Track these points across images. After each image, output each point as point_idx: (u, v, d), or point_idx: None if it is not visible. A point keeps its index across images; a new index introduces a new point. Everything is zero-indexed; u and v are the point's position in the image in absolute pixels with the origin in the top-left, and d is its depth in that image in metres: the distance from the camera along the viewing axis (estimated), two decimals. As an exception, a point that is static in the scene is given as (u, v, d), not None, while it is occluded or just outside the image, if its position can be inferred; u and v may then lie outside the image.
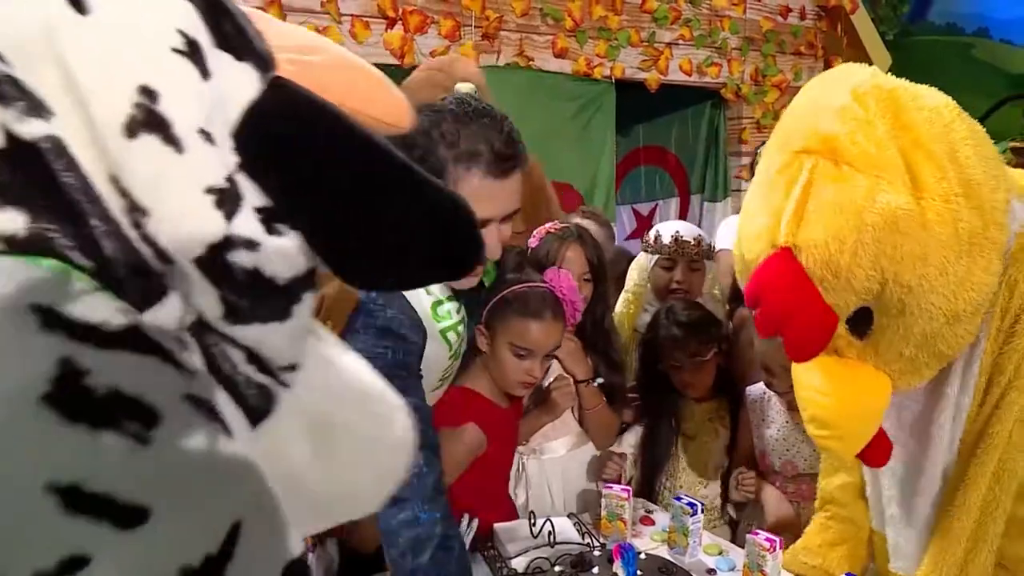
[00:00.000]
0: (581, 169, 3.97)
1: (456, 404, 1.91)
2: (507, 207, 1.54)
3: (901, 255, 1.12)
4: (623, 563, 1.48)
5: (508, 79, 3.67)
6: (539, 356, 1.87)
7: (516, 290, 1.87)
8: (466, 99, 1.53)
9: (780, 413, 2.29)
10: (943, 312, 1.17)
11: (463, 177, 1.48)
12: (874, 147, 1.14)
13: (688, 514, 1.85)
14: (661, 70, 4.11)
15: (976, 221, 1.15)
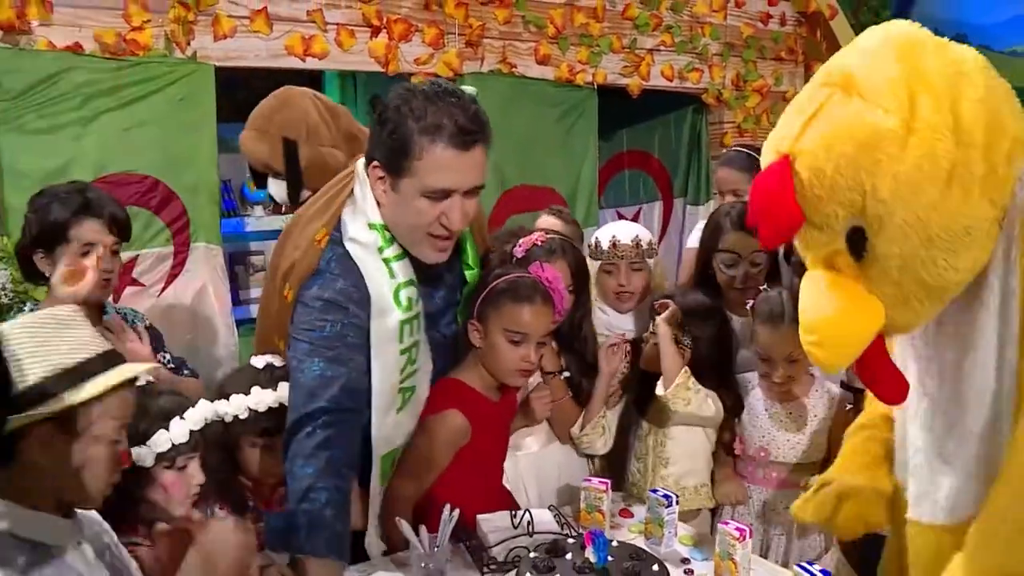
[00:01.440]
0: (564, 174, 4.07)
1: (446, 394, 2.03)
2: (469, 180, 1.71)
3: (879, 169, 1.26)
4: (594, 549, 1.58)
5: (491, 86, 3.77)
6: (533, 341, 1.98)
7: (505, 280, 1.99)
8: (437, 82, 1.73)
9: (759, 402, 2.43)
10: (916, 233, 1.28)
11: (427, 148, 1.66)
12: (885, 83, 1.28)
13: (663, 505, 1.96)
14: (643, 76, 4.22)
15: (961, 156, 1.27)
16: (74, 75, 2.83)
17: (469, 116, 1.68)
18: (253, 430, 1.87)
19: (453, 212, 1.74)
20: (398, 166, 1.74)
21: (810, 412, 2.39)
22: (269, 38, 3.23)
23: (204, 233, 3.17)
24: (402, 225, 1.83)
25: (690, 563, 1.92)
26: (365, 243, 1.83)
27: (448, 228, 1.78)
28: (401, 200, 1.78)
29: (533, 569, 1.59)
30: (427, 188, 1.73)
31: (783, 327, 2.29)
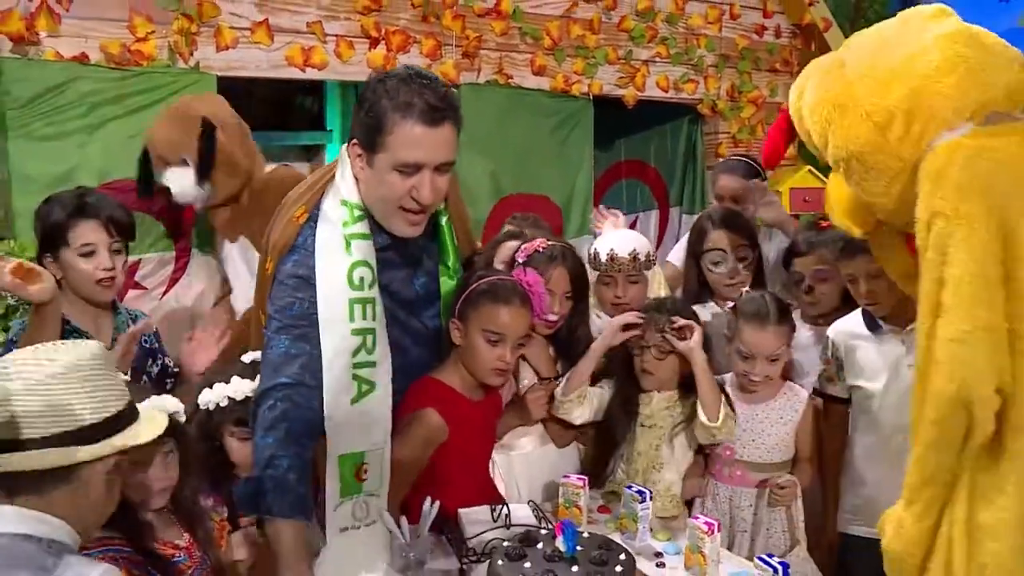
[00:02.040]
0: (559, 182, 4.16)
1: (423, 394, 2.12)
2: (438, 155, 1.84)
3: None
4: (564, 538, 1.67)
5: (488, 96, 3.88)
6: (510, 342, 2.07)
7: (485, 282, 2.09)
8: (411, 67, 1.89)
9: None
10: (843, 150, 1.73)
11: (398, 123, 1.81)
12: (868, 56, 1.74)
13: (638, 501, 2.05)
14: (638, 86, 4.32)
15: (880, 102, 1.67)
16: (80, 84, 2.95)
17: (439, 96, 1.81)
18: (231, 419, 1.97)
19: (423, 186, 1.84)
20: (373, 142, 1.84)
21: (777, 414, 2.47)
22: (270, 49, 3.34)
23: (204, 239, 3.27)
24: (377, 199, 1.92)
25: (662, 556, 2.00)
26: (331, 218, 1.92)
27: (419, 202, 1.87)
28: (376, 175, 1.87)
29: (505, 557, 1.68)
30: (399, 162, 1.83)
31: (769, 327, 2.39)
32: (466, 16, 3.79)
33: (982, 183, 1.56)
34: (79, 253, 2.23)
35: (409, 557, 1.87)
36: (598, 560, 1.66)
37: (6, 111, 2.87)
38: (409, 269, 2.09)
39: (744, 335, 2.43)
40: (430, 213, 1.97)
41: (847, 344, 2.50)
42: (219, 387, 1.98)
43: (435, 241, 2.13)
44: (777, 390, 2.51)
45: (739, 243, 2.72)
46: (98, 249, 2.25)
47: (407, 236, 1.96)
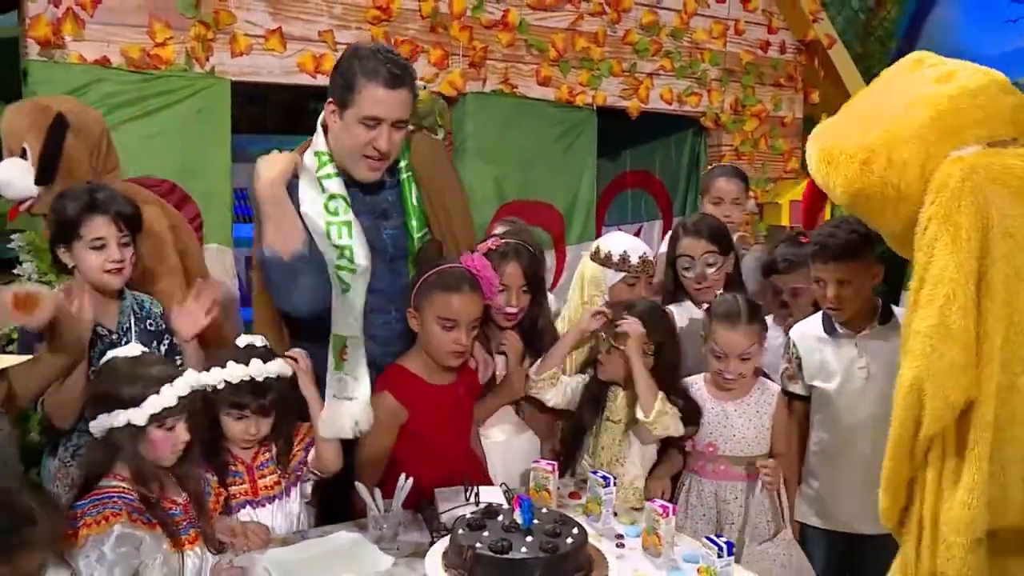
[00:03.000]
0: (562, 190, 4.31)
1: (383, 379, 2.31)
2: (395, 112, 2.25)
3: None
4: (521, 511, 1.80)
5: (493, 104, 4.05)
6: (463, 326, 2.24)
7: (437, 271, 2.28)
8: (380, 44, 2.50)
9: (705, 401, 2.64)
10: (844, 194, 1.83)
11: (365, 85, 2.22)
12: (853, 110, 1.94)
13: (601, 486, 2.18)
14: (642, 98, 4.46)
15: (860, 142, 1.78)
16: (102, 86, 3.15)
17: (399, 66, 2.25)
18: (227, 401, 2.13)
19: (381, 137, 2.25)
20: (344, 99, 2.26)
21: (753, 409, 2.60)
22: (283, 56, 3.52)
23: (216, 235, 3.46)
24: (344, 147, 2.31)
25: (623, 538, 2.13)
26: (308, 166, 2.31)
27: (378, 150, 2.27)
28: (344, 127, 2.28)
29: (466, 527, 1.81)
30: (363, 116, 2.23)
31: (740, 326, 2.52)
32: (473, 27, 3.96)
33: (975, 195, 1.67)
34: (90, 247, 2.38)
35: (382, 529, 2.01)
36: (552, 532, 1.79)
37: (32, 110, 3.07)
38: (377, 219, 2.41)
39: (717, 335, 2.56)
40: (387, 162, 2.34)
41: (806, 345, 2.62)
42: (216, 371, 2.14)
43: (399, 196, 2.46)
44: (751, 386, 2.63)
45: (707, 249, 2.86)
46: (108, 242, 2.39)
47: (368, 180, 2.35)
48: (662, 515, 2.02)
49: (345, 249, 2.24)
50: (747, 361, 2.55)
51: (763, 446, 2.59)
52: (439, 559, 1.81)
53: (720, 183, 3.57)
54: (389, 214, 2.44)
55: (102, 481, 1.88)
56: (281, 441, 2.23)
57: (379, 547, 1.99)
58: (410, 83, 2.29)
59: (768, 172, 4.87)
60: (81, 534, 1.76)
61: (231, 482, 2.16)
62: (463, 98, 3.98)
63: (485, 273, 2.34)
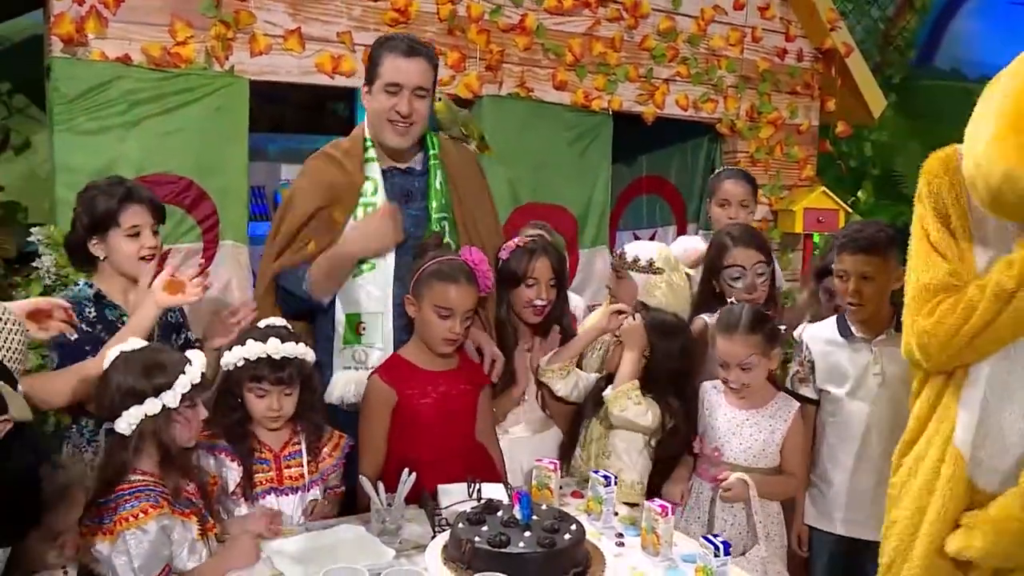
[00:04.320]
0: (577, 194, 4.33)
1: (379, 365, 2.41)
2: (414, 79, 2.55)
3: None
4: (520, 506, 1.83)
5: (509, 107, 4.08)
6: (458, 315, 2.34)
7: (435, 262, 2.38)
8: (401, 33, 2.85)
9: (721, 406, 2.65)
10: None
11: (385, 56, 2.56)
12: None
13: (603, 485, 2.20)
14: (658, 104, 4.48)
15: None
16: (122, 83, 3.21)
17: (415, 40, 2.62)
18: (248, 375, 2.22)
19: (403, 101, 2.54)
20: (371, 75, 2.59)
21: (766, 421, 2.60)
22: (301, 56, 3.57)
23: (232, 232, 3.51)
24: (373, 115, 2.62)
25: (623, 537, 2.15)
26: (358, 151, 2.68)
27: (400, 113, 2.55)
28: (373, 99, 2.60)
29: (467, 521, 1.85)
30: (385, 82, 2.55)
31: (736, 336, 2.53)
32: (491, 31, 3.99)
33: None
34: (127, 234, 2.48)
35: (385, 522, 2.05)
36: (550, 528, 1.82)
37: (54, 106, 3.14)
38: (401, 200, 2.63)
39: (718, 343, 2.59)
40: (414, 132, 2.61)
41: (819, 348, 2.63)
42: (237, 349, 2.23)
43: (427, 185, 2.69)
44: (769, 398, 2.63)
45: (758, 260, 2.89)
46: (143, 230, 2.50)
47: (397, 146, 2.62)
48: (661, 515, 2.04)
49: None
50: (748, 371, 2.55)
51: (768, 460, 2.59)
52: (439, 552, 1.84)
53: (727, 185, 3.58)
54: (413, 196, 2.67)
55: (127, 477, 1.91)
56: (309, 434, 2.29)
57: (381, 540, 2.03)
58: (427, 55, 2.58)
59: (783, 179, 4.87)
60: (116, 529, 1.81)
61: (257, 469, 2.22)
62: (479, 101, 4.02)
63: (482, 267, 2.45)
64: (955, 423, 1.87)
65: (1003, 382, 1.83)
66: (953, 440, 1.88)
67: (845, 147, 5.24)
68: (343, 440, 2.36)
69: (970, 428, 1.85)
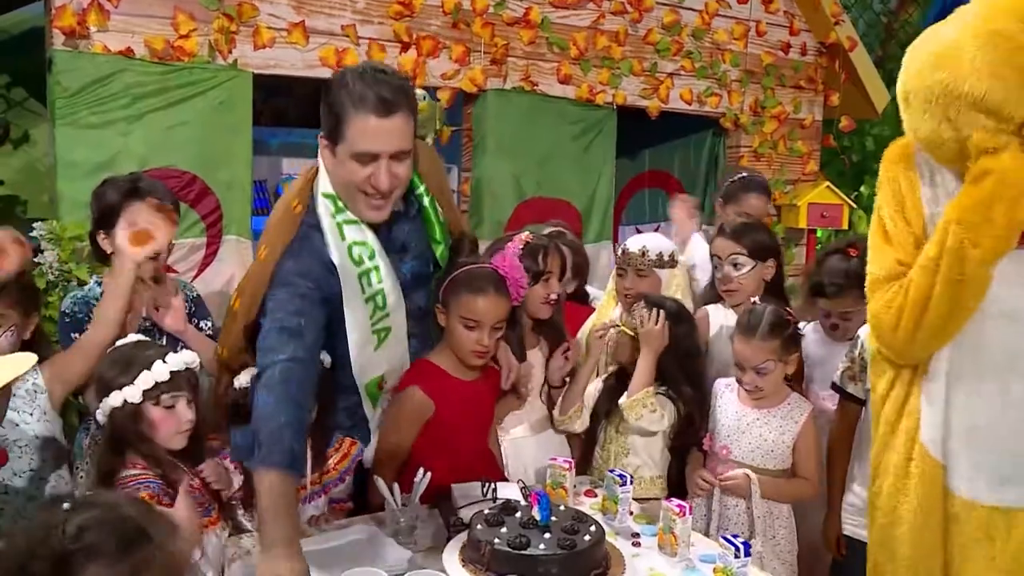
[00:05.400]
0: (580, 188, 4.31)
1: (411, 372, 2.31)
2: (391, 144, 1.98)
3: None
4: (539, 508, 1.81)
5: (513, 101, 4.05)
6: (486, 327, 2.23)
7: (464, 271, 2.26)
8: (371, 63, 2.13)
9: (732, 403, 2.61)
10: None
11: (352, 116, 1.94)
12: None
13: (618, 484, 2.17)
14: (662, 98, 4.46)
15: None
16: (125, 76, 3.17)
17: (392, 88, 1.95)
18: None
19: (379, 174, 2.00)
20: (335, 134, 1.99)
21: (777, 422, 2.56)
22: (305, 49, 3.53)
23: (236, 227, 3.48)
24: (341, 186, 2.08)
25: (639, 537, 2.13)
26: (322, 211, 2.12)
27: (377, 188, 2.02)
28: (339, 163, 2.03)
29: (484, 522, 1.82)
30: (355, 151, 1.97)
31: (754, 340, 2.49)
32: (495, 24, 3.96)
33: None
34: None
35: (400, 523, 2.02)
36: (570, 529, 1.79)
37: (56, 100, 3.10)
38: (395, 255, 2.23)
39: (735, 345, 2.54)
40: (394, 199, 2.11)
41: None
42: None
43: (421, 222, 2.28)
44: (782, 399, 2.59)
45: (734, 251, 2.87)
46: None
47: (373, 221, 2.12)
48: (678, 514, 2.01)
49: (377, 296, 2.16)
50: (764, 375, 2.51)
51: (779, 461, 2.55)
52: (457, 554, 1.81)
53: (752, 200, 3.59)
54: (407, 247, 2.26)
55: (122, 472, 1.90)
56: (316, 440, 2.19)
57: (396, 541, 2.00)
58: (407, 105, 1.99)
59: (787, 174, 4.85)
60: None
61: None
62: (484, 95, 3.99)
63: (513, 274, 2.31)
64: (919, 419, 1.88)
65: (959, 373, 1.84)
66: (919, 437, 1.88)
67: (847, 142, 5.22)
68: (355, 447, 2.28)
69: (935, 424, 1.85)
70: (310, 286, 2.07)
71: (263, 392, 1.88)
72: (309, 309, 2.04)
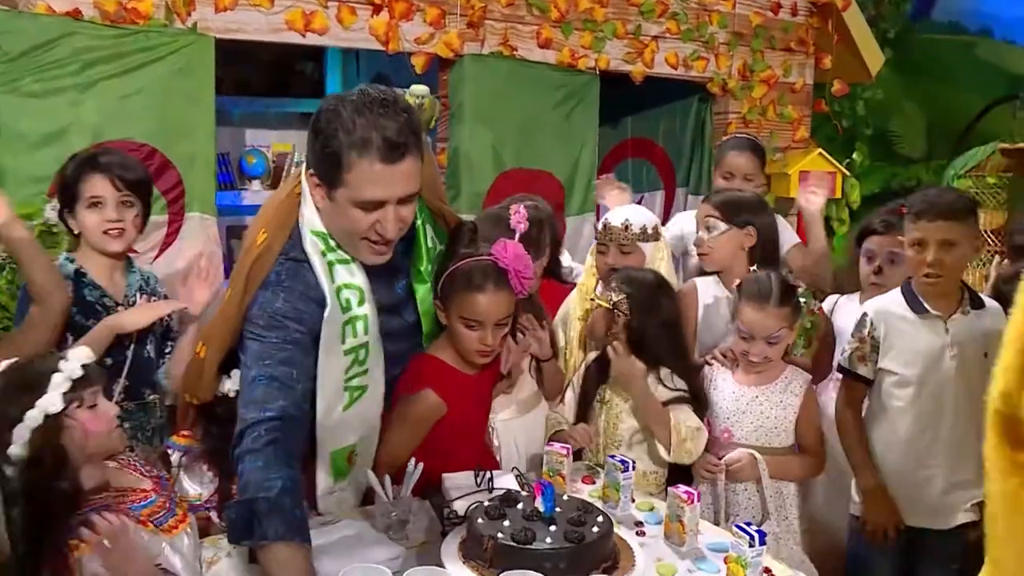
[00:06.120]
0: (562, 159, 4.24)
1: (420, 371, 2.22)
2: (399, 190, 1.86)
3: None
4: (543, 499, 1.76)
5: (491, 67, 3.96)
6: (489, 325, 2.15)
7: (461, 266, 2.17)
8: (368, 90, 1.83)
9: (727, 384, 2.58)
10: None
11: (356, 162, 1.81)
12: None
13: (620, 470, 2.13)
14: (647, 63, 4.38)
15: None
16: (73, 40, 3.03)
17: (398, 128, 1.80)
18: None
19: (387, 221, 1.89)
20: (331, 177, 1.86)
21: (777, 397, 2.54)
22: (270, 12, 3.42)
23: (199, 203, 3.37)
24: (339, 232, 1.97)
25: (643, 525, 2.09)
26: (310, 249, 1.99)
27: (383, 236, 1.92)
28: (337, 209, 1.91)
29: (485, 515, 1.76)
30: (359, 200, 1.86)
31: (769, 307, 2.46)
32: (472, -15, 3.86)
33: None
34: (86, 205, 2.41)
35: (391, 516, 1.96)
36: (576, 520, 1.75)
37: (-6, 65, 2.96)
38: (391, 276, 2.16)
39: (744, 314, 2.50)
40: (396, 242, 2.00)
41: (889, 324, 2.53)
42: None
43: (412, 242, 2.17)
44: (778, 373, 2.57)
45: (709, 214, 2.89)
46: (105, 202, 2.41)
47: (375, 263, 2.02)
48: (686, 501, 1.98)
49: (359, 349, 2.03)
50: (774, 345, 2.49)
51: (784, 438, 2.54)
52: (456, 550, 1.76)
53: (730, 157, 3.52)
54: (400, 267, 2.16)
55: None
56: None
57: (388, 536, 1.95)
58: (416, 145, 1.85)
59: (777, 141, 4.81)
60: (72, 558, 1.64)
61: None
62: (460, 60, 3.90)
63: (516, 266, 2.18)
64: None
65: None
66: None
67: (836, 106, 5.19)
68: None
69: None
70: (301, 331, 1.96)
71: (251, 457, 1.78)
72: (301, 359, 1.94)
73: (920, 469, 2.50)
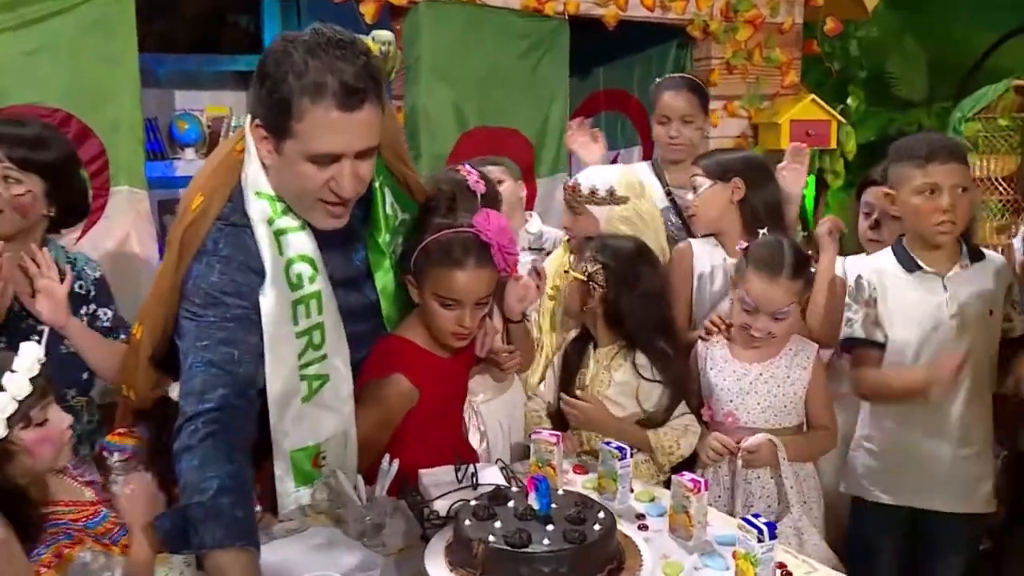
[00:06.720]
0: (530, 115, 4.18)
1: (389, 354, 2.15)
2: (358, 142, 1.78)
3: None
4: (537, 495, 1.70)
5: (449, 15, 3.88)
6: (467, 305, 2.09)
7: (438, 238, 2.10)
8: (323, 28, 1.74)
9: (727, 363, 2.54)
10: None
11: (308, 109, 1.72)
12: None
13: (616, 458, 2.09)
14: (620, 5, 4.30)
15: None
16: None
17: (356, 72, 1.72)
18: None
19: (343, 178, 1.81)
20: (280, 127, 1.77)
21: (783, 372, 2.50)
22: (197, -44, 3.30)
23: (126, 176, 3.28)
24: (290, 191, 1.89)
25: (645, 518, 2.05)
26: (254, 215, 1.90)
27: (339, 195, 1.84)
28: (286, 164, 1.82)
29: (473, 516, 1.70)
30: (311, 152, 1.78)
31: (780, 279, 2.40)
32: (425, -78, 3.76)
33: None
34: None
35: (365, 521, 1.90)
36: (575, 518, 1.70)
37: None
38: (347, 245, 2.08)
39: (751, 284, 2.44)
40: (354, 202, 1.92)
41: (884, 284, 2.53)
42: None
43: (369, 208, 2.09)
44: (782, 345, 2.53)
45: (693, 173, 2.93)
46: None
47: (328, 228, 1.93)
48: (692, 490, 1.94)
49: (314, 331, 1.95)
50: (780, 321, 2.45)
51: (793, 417, 2.51)
52: (443, 557, 1.70)
53: (666, 98, 3.46)
54: (357, 235, 2.09)
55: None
56: None
57: (362, 543, 1.89)
58: (375, 92, 1.77)
59: (764, 87, 4.75)
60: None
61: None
62: (415, 7, 3.80)
63: (500, 240, 2.10)
64: None
65: None
66: None
67: (827, 47, 5.15)
68: None
69: None
70: (243, 305, 1.88)
71: (187, 456, 1.71)
72: (242, 337, 1.86)
73: (924, 442, 2.50)
